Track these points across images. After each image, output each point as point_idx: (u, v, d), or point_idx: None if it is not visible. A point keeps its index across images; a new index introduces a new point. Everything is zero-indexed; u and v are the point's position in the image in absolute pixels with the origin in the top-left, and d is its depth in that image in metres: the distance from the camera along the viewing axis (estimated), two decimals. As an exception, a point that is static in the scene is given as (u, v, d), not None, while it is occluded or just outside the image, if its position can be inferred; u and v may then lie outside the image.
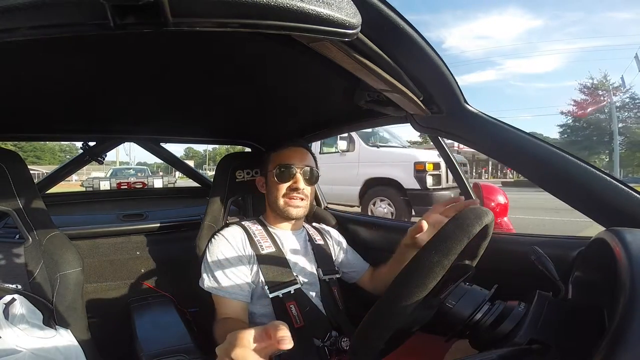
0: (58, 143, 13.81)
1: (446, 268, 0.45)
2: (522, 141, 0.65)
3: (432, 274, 0.44)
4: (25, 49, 0.52)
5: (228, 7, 0.28)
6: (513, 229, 1.18)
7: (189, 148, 55.99)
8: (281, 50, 0.57)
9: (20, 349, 0.67)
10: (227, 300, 0.80)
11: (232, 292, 0.80)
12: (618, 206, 0.56)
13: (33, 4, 0.25)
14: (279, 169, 0.89)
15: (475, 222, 0.49)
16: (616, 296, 0.35)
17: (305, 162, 0.92)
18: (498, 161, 0.73)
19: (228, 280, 0.81)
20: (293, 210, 0.90)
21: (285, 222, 0.95)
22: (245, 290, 0.81)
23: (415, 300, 0.44)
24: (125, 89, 0.78)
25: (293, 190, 0.89)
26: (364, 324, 0.48)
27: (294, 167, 0.89)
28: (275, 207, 0.92)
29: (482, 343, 0.51)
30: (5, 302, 0.75)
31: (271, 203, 0.93)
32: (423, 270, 0.45)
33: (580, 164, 0.60)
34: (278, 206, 0.91)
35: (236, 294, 0.80)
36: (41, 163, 34.95)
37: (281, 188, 0.90)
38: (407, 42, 0.50)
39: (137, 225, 1.28)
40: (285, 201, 0.90)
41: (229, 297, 0.80)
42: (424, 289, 0.44)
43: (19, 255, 0.85)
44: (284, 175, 0.89)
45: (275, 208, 0.92)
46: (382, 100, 0.68)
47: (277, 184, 0.90)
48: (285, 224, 0.95)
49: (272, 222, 0.95)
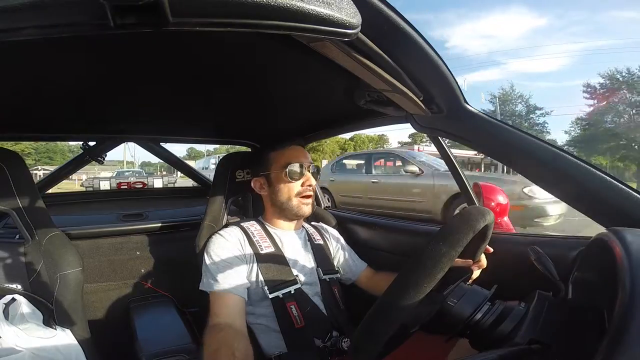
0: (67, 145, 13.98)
1: (453, 259, 0.46)
2: (522, 141, 0.66)
3: (439, 264, 0.45)
4: (25, 49, 0.52)
5: (228, 7, 0.28)
6: (513, 229, 1.18)
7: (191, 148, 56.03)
8: (281, 50, 0.57)
9: (20, 349, 0.67)
10: (222, 296, 0.77)
11: (229, 287, 0.78)
12: (618, 206, 0.56)
13: (33, 3, 0.25)
14: (289, 168, 0.88)
15: (480, 218, 0.52)
16: (616, 296, 0.35)
17: (309, 159, 0.93)
18: (498, 161, 0.73)
19: (224, 277, 0.80)
20: (306, 208, 0.91)
21: (286, 222, 0.95)
22: (242, 286, 0.80)
23: (422, 290, 0.45)
24: (125, 89, 0.78)
25: (306, 188, 0.90)
26: (368, 317, 0.48)
27: (303, 165, 0.89)
28: (286, 206, 0.90)
29: (482, 343, 0.51)
30: (5, 302, 0.75)
31: (281, 203, 0.90)
32: (431, 260, 0.46)
33: (580, 163, 0.60)
34: (291, 206, 0.89)
35: (233, 288, 0.78)
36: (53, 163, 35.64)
37: (294, 187, 0.89)
38: (407, 42, 0.50)
39: (137, 225, 1.28)
40: (298, 200, 0.90)
41: (225, 292, 0.78)
42: (432, 279, 0.45)
43: (19, 255, 0.85)
44: (296, 173, 0.88)
45: (285, 208, 0.90)
46: (382, 100, 0.69)
47: (289, 182, 0.89)
48: (286, 224, 0.95)
49: (271, 222, 0.95)
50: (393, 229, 1.16)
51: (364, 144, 35.33)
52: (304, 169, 0.89)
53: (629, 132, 23.23)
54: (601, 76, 24.63)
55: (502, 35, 75.04)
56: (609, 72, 24.25)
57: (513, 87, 30.01)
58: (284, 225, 0.95)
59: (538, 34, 67.27)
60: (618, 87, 23.79)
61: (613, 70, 24.04)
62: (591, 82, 25.29)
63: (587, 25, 61.84)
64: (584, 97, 25.64)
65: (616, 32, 51.09)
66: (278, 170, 0.89)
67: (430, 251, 0.47)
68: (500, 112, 27.50)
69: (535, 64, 53.39)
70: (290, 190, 0.89)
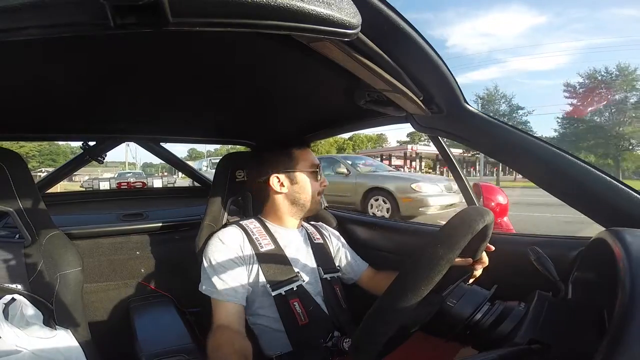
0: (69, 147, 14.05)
1: (451, 262, 0.46)
2: (522, 141, 0.66)
3: (437, 267, 0.45)
4: (25, 49, 0.52)
5: (228, 7, 0.28)
6: (513, 229, 1.18)
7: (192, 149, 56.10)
8: (281, 50, 0.57)
9: (20, 349, 0.67)
10: (221, 303, 0.80)
11: (226, 295, 0.79)
12: (618, 206, 0.56)
13: (33, 3, 0.25)
14: (313, 168, 0.93)
15: (479, 219, 0.50)
16: (616, 296, 0.35)
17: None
18: (498, 161, 0.73)
19: (222, 283, 0.80)
20: (320, 205, 0.98)
21: (294, 219, 0.96)
22: (239, 293, 0.81)
23: (420, 293, 0.44)
24: (125, 89, 0.78)
25: (323, 187, 0.97)
26: (368, 318, 0.48)
27: (319, 166, 0.95)
28: (308, 204, 0.94)
29: (482, 343, 0.51)
30: (5, 302, 0.75)
31: (304, 200, 0.93)
32: (429, 263, 0.45)
33: (580, 163, 0.60)
34: (315, 202, 0.94)
35: (229, 296, 0.79)
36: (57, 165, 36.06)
37: (316, 186, 0.94)
38: (407, 42, 0.50)
39: (137, 225, 1.27)
40: (317, 199, 0.95)
41: (222, 300, 0.79)
42: (430, 282, 0.44)
43: (19, 255, 0.85)
44: (317, 174, 0.94)
45: (307, 205, 0.94)
46: (382, 100, 0.69)
47: (313, 182, 0.93)
48: (287, 222, 0.95)
49: (272, 220, 0.95)
50: (393, 229, 1.16)
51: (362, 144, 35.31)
52: (320, 170, 0.95)
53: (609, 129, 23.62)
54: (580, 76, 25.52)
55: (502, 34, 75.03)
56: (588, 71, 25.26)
57: (497, 88, 30.98)
58: (289, 223, 0.95)
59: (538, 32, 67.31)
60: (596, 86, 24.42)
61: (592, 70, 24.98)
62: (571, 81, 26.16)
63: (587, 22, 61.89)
64: (564, 97, 26.37)
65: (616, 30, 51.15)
66: (306, 169, 0.93)
67: (428, 254, 0.46)
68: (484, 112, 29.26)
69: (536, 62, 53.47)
70: (313, 189, 0.93)
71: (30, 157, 36.25)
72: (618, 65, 23.87)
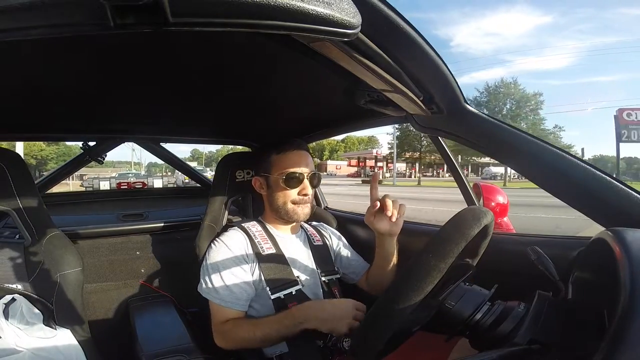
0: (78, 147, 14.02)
1: (443, 271, 0.45)
2: (522, 141, 0.65)
3: (429, 277, 0.44)
4: (25, 49, 0.52)
5: (228, 7, 0.28)
6: (513, 229, 1.17)
7: (194, 150, 56.19)
8: (281, 50, 0.57)
9: (20, 349, 0.67)
10: (223, 309, 0.80)
11: (229, 301, 0.80)
12: (618, 206, 0.56)
13: (33, 3, 0.25)
14: (287, 176, 0.86)
15: (474, 224, 0.49)
16: (616, 296, 0.35)
17: (310, 166, 0.91)
18: (498, 161, 0.73)
19: (226, 289, 0.80)
20: (301, 214, 0.90)
21: (283, 225, 0.95)
22: (242, 299, 0.81)
23: (412, 303, 0.44)
24: (125, 89, 0.78)
25: (302, 196, 0.88)
26: (363, 324, 0.48)
27: (302, 174, 0.87)
28: (281, 211, 0.89)
29: (482, 343, 0.51)
30: (5, 302, 0.76)
31: (277, 207, 0.90)
32: (420, 273, 0.45)
33: (580, 163, 0.60)
34: (286, 211, 0.89)
35: (232, 302, 0.80)
36: None
37: (290, 194, 0.88)
38: (407, 42, 0.50)
39: (137, 225, 1.28)
40: (293, 207, 0.89)
41: (225, 306, 0.80)
42: (421, 292, 0.44)
43: (19, 255, 0.85)
44: (293, 182, 0.87)
45: (280, 212, 0.90)
46: (382, 100, 0.68)
47: (285, 189, 0.87)
48: (285, 226, 0.95)
49: (271, 222, 0.95)
50: None
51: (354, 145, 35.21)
52: (302, 178, 0.88)
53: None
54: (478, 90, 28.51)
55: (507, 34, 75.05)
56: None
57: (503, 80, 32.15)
58: (284, 227, 0.95)
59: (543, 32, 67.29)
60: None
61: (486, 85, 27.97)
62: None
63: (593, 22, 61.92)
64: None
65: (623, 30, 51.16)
66: (277, 175, 0.88)
67: (419, 263, 0.46)
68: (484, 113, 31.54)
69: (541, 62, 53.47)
70: (286, 197, 0.88)
71: (48, 159, 36.99)
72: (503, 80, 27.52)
